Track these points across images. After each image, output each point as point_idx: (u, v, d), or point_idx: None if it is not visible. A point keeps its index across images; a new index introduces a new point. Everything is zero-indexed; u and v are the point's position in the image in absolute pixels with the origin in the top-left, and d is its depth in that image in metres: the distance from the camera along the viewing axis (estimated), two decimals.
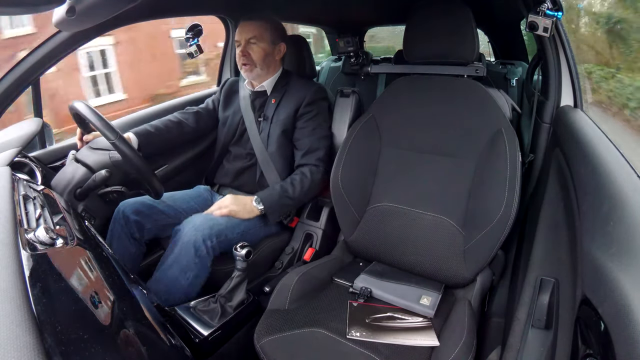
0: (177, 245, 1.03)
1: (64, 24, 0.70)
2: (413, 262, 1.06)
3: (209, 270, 1.06)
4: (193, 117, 1.35)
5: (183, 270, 1.02)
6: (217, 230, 1.07)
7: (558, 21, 0.94)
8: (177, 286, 1.02)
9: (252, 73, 1.24)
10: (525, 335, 0.70)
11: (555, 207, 0.83)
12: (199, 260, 1.02)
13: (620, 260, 0.47)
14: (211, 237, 1.04)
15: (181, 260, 1.02)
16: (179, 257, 1.02)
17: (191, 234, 1.03)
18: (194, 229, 1.04)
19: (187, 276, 1.02)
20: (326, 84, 2.45)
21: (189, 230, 1.04)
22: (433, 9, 1.10)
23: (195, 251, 1.01)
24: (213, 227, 1.06)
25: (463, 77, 1.13)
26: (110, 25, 1.13)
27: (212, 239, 1.04)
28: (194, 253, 1.01)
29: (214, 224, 1.07)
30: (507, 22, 2.28)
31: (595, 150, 0.72)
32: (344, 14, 2.17)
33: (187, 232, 1.04)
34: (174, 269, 1.02)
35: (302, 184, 1.19)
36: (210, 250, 1.04)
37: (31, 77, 1.05)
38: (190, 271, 1.02)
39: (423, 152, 1.10)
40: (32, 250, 0.54)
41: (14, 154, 0.90)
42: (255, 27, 1.21)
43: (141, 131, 1.22)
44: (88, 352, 0.43)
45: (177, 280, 1.02)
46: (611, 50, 2.11)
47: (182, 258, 1.02)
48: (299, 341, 0.84)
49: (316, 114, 1.26)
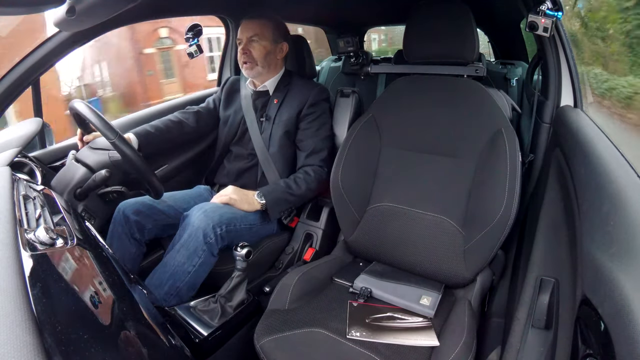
0: (185, 231, 1.03)
1: (64, 24, 0.70)
2: (413, 262, 1.06)
3: (215, 259, 1.06)
4: (193, 117, 1.35)
5: (190, 256, 1.01)
6: (227, 218, 1.07)
7: (558, 21, 0.94)
8: (182, 271, 1.01)
9: (252, 71, 1.24)
10: (525, 335, 0.70)
11: (555, 207, 0.83)
12: (207, 247, 1.02)
13: (620, 260, 0.47)
14: (221, 225, 1.04)
15: (189, 246, 1.02)
16: (188, 242, 1.02)
17: (201, 220, 1.02)
18: (204, 215, 1.03)
19: (193, 262, 1.02)
20: (326, 84, 2.45)
21: (199, 215, 1.04)
22: (433, 9, 1.10)
23: (204, 237, 1.01)
24: (223, 215, 1.06)
25: (463, 77, 1.13)
26: (110, 25, 1.13)
27: (221, 227, 1.04)
28: (203, 239, 1.01)
29: (225, 212, 1.07)
30: (507, 22, 2.28)
31: (595, 150, 0.72)
32: (344, 14, 2.18)
33: (198, 217, 1.03)
34: (182, 254, 1.02)
35: (306, 182, 1.20)
36: (219, 238, 1.04)
37: (31, 77, 1.05)
38: (197, 257, 1.02)
39: (423, 152, 1.10)
40: (32, 250, 0.54)
41: (14, 154, 0.90)
42: (257, 25, 1.21)
43: (141, 131, 1.22)
44: (88, 352, 0.43)
45: (183, 265, 1.01)
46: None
47: (190, 243, 1.02)
48: (299, 341, 0.84)
49: (319, 115, 1.27)
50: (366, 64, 2.11)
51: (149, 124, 1.27)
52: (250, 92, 1.32)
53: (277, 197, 1.17)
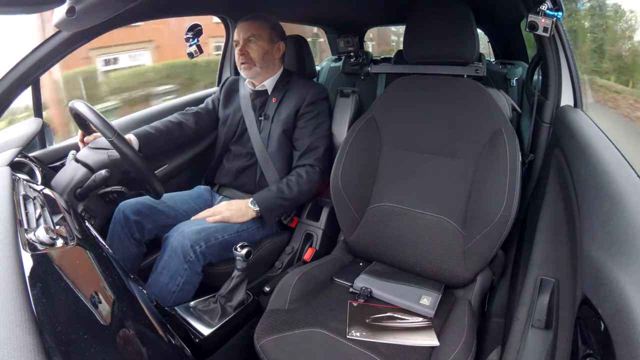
0: (165, 252, 1.04)
1: (64, 24, 0.70)
2: (413, 262, 1.06)
3: (200, 276, 1.06)
4: (193, 118, 1.35)
5: (172, 276, 1.02)
6: (206, 234, 1.06)
7: (558, 21, 0.94)
8: (168, 291, 1.02)
9: (251, 72, 1.24)
10: (525, 335, 0.70)
11: (555, 207, 0.83)
12: (188, 266, 1.02)
13: (620, 260, 0.47)
14: (199, 242, 1.04)
15: (170, 267, 1.02)
16: (168, 263, 1.02)
17: (179, 240, 1.02)
18: (181, 235, 1.03)
19: (176, 282, 1.02)
20: (326, 84, 2.46)
21: (176, 236, 1.04)
22: (433, 9, 1.10)
23: (183, 257, 1.01)
24: (201, 232, 1.06)
25: (463, 77, 1.13)
26: (110, 25, 1.13)
27: (200, 244, 1.04)
28: (183, 259, 1.01)
29: (202, 229, 1.07)
30: (507, 22, 2.28)
31: (595, 150, 0.72)
32: (344, 14, 2.17)
33: (175, 238, 1.03)
34: (164, 275, 1.02)
35: (298, 184, 1.19)
36: (200, 256, 1.03)
37: (31, 77, 1.05)
38: (180, 277, 1.02)
39: (423, 152, 1.10)
40: (32, 250, 0.54)
41: (14, 154, 0.90)
42: (253, 26, 1.22)
43: (141, 132, 1.22)
44: (88, 352, 0.43)
45: (167, 286, 1.02)
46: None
47: (171, 264, 1.02)
48: (298, 341, 0.84)
49: (317, 114, 1.26)
50: (366, 64, 2.11)
51: (149, 125, 1.27)
52: (249, 91, 1.32)
53: (270, 203, 1.16)
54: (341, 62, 2.52)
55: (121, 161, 1.01)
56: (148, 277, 1.07)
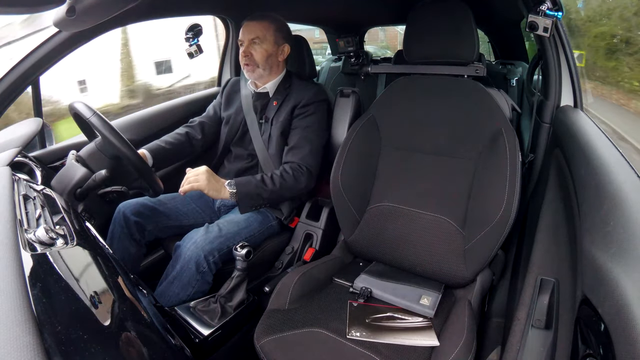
0: (178, 262, 1.03)
1: (64, 24, 0.70)
2: (413, 262, 1.06)
3: (210, 285, 1.06)
4: (198, 128, 1.34)
5: (184, 287, 1.02)
6: (219, 243, 1.06)
7: (558, 21, 0.94)
8: (178, 301, 1.02)
9: (254, 73, 1.23)
10: (525, 335, 0.70)
11: (555, 207, 0.83)
12: (200, 277, 1.02)
13: (620, 260, 0.47)
14: (213, 252, 1.04)
15: (182, 277, 1.01)
16: (180, 274, 1.02)
17: (192, 251, 1.02)
18: (194, 246, 1.03)
19: (187, 292, 1.02)
20: (326, 84, 2.46)
21: (189, 246, 1.03)
22: (433, 9, 1.10)
23: (197, 268, 1.01)
24: (214, 242, 1.05)
25: (463, 77, 1.13)
26: (110, 25, 1.13)
27: (214, 254, 1.04)
28: (196, 270, 1.01)
29: (215, 238, 1.06)
30: (507, 22, 2.28)
31: (595, 150, 0.72)
32: (344, 14, 2.18)
33: (188, 248, 1.03)
34: (175, 285, 1.02)
35: (282, 179, 1.15)
36: (212, 266, 1.04)
37: (31, 77, 1.06)
38: (192, 287, 1.02)
39: (423, 152, 1.10)
40: (32, 250, 0.54)
41: (14, 154, 0.90)
42: (259, 27, 1.19)
43: (154, 147, 1.21)
44: (88, 352, 0.43)
45: (177, 295, 1.02)
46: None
47: (183, 275, 1.01)
48: (299, 341, 0.84)
49: (311, 114, 1.24)
50: (366, 64, 2.11)
51: (160, 140, 1.26)
52: (250, 92, 1.31)
53: (249, 190, 1.11)
54: (341, 62, 2.52)
55: (106, 146, 0.99)
56: (148, 278, 1.07)
